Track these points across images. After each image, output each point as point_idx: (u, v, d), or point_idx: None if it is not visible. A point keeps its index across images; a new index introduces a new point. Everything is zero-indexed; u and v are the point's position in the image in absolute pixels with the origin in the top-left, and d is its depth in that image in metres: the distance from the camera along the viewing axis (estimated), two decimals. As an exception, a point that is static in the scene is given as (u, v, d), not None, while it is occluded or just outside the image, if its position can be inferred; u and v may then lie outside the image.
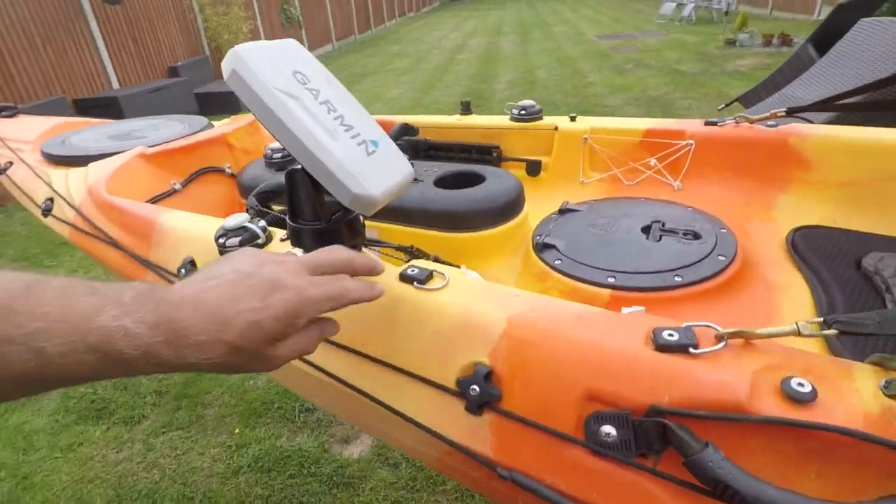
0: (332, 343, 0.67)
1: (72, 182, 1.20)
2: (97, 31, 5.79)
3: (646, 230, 0.90)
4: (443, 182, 1.05)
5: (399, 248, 0.79)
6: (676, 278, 0.77)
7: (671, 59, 7.46)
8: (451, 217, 0.95)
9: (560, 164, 1.25)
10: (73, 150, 1.35)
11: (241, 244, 0.77)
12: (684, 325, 0.50)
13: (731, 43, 7.99)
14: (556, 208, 1.03)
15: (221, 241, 0.78)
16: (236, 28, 7.71)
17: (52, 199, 1.20)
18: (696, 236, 0.87)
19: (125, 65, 6.20)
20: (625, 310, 0.60)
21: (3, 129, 1.69)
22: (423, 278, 0.63)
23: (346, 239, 0.65)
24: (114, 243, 0.99)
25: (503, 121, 1.32)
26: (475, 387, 0.55)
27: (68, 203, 1.14)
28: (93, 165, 1.21)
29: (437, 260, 0.87)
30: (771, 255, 0.88)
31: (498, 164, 1.31)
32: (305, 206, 0.63)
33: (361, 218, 0.68)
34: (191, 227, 0.88)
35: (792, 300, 0.78)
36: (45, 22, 5.19)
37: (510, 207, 0.98)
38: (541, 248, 0.90)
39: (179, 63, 7.05)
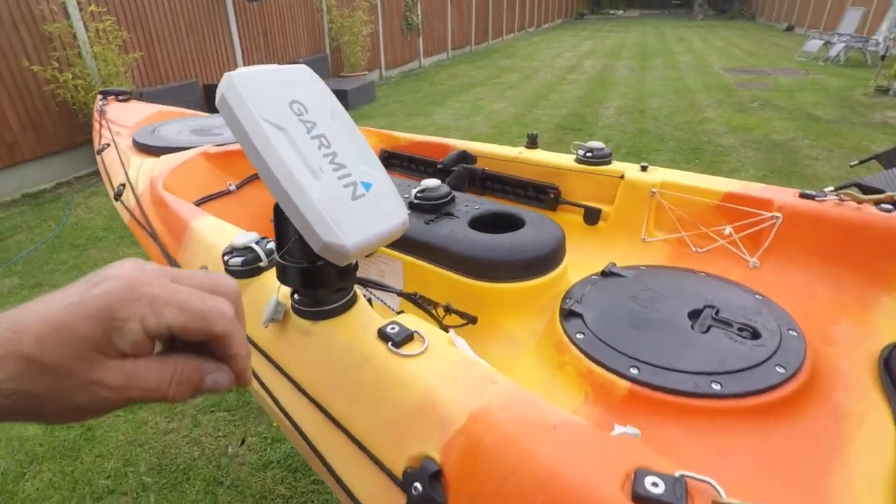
0: (297, 386, 0.63)
1: (143, 171, 1.27)
2: (234, 24, 6.35)
3: (694, 315, 0.76)
4: (479, 222, 0.97)
5: (402, 295, 0.72)
6: (714, 385, 0.64)
7: (805, 102, 6.76)
8: (476, 263, 0.87)
9: (622, 216, 1.13)
10: (154, 141, 1.44)
11: (244, 265, 0.75)
12: (678, 473, 0.39)
13: (883, 91, 7.07)
14: (607, 265, 0.92)
15: (226, 258, 0.76)
16: (357, 31, 8.10)
17: (124, 185, 1.28)
18: (755, 334, 0.72)
19: (253, 56, 6.73)
20: (618, 427, 0.49)
21: (113, 112, 1.86)
22: (400, 340, 0.56)
23: (334, 280, 0.60)
24: (153, 237, 1.02)
25: (567, 161, 1.22)
26: (418, 485, 0.48)
27: (133, 191, 1.20)
28: (164, 158, 1.28)
29: (447, 309, 0.80)
30: (854, 372, 0.71)
31: (554, 207, 1.21)
32: (292, 242, 0.59)
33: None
34: (214, 237, 0.88)
35: (868, 440, 0.62)
36: (192, 13, 5.78)
37: (543, 262, 0.88)
38: (566, 314, 0.80)
39: (300, 59, 7.53)
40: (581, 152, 1.20)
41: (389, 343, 0.56)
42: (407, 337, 0.57)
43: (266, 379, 0.68)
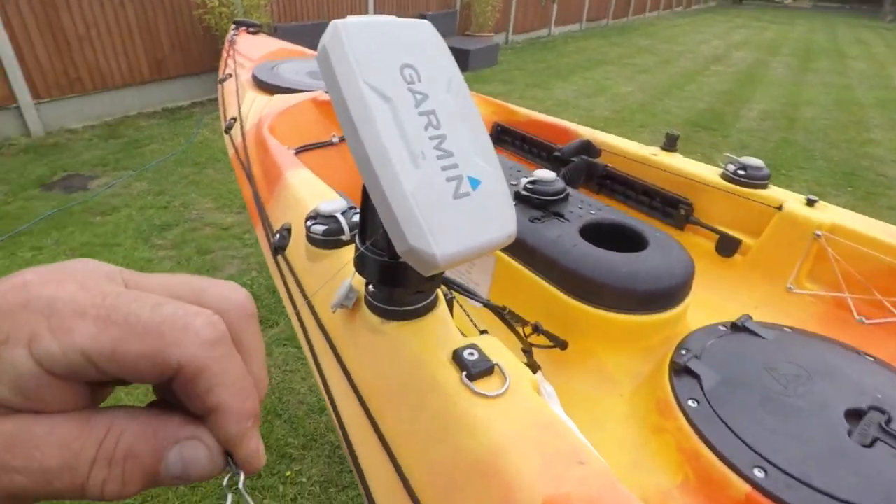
0: (351, 383, 0.55)
1: (254, 108, 1.25)
2: (373, -31, 6.36)
3: (853, 417, 0.59)
4: (592, 231, 0.83)
5: (488, 306, 0.62)
6: (873, 524, 0.48)
7: None
8: (581, 281, 0.74)
9: (767, 254, 0.93)
10: (270, 78, 1.41)
11: (325, 234, 0.68)
12: None
13: None
14: (736, 314, 0.75)
15: (309, 223, 0.70)
16: (489, -10, 7.85)
17: (234, 120, 1.27)
18: (943, 464, 0.54)
19: (385, 4, 6.73)
20: None
21: (242, 43, 1.88)
22: (477, 373, 0.46)
23: (415, 283, 0.51)
24: (250, 179, 0.99)
25: (710, 173, 1.02)
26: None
27: (241, 127, 1.18)
28: (275, 98, 1.25)
29: (536, 328, 0.69)
30: None
31: (682, 226, 1.03)
32: (377, 228, 0.50)
33: None
34: (304, 193, 0.82)
35: None
36: (336, -46, 5.85)
37: (662, 297, 0.73)
38: (679, 370, 0.65)
39: (429, 13, 7.42)
40: (731, 168, 0.99)
41: (464, 373, 0.46)
42: (486, 370, 0.46)
43: (323, 362, 0.62)
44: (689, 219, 1.02)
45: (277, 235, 0.79)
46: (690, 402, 0.61)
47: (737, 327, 0.73)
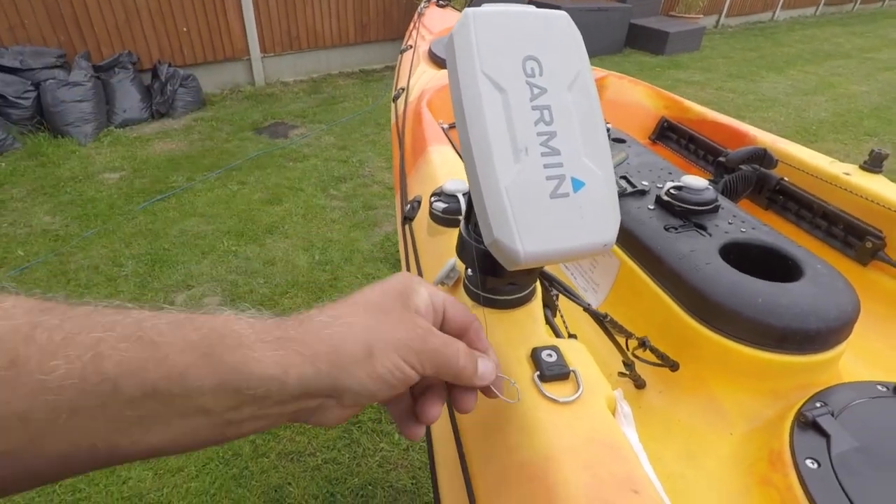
0: None
1: (422, 81, 1.32)
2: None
3: None
4: (736, 251, 0.74)
5: (589, 311, 0.60)
6: None
7: None
8: (707, 302, 0.67)
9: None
10: (443, 52, 1.48)
11: (444, 212, 0.72)
12: None
13: None
14: None
15: (432, 199, 0.74)
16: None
17: (403, 90, 1.36)
18: None
19: (584, -22, 6.46)
20: None
21: (429, 15, 1.98)
22: (551, 375, 0.46)
23: (507, 273, 0.52)
24: (401, 149, 1.07)
25: (918, 204, 0.83)
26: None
27: (405, 98, 1.27)
28: (443, 72, 1.31)
29: (643, 343, 0.65)
30: None
31: (866, 261, 0.86)
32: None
33: None
34: (439, 169, 0.87)
35: None
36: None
37: (806, 337, 0.63)
38: (805, 423, 0.57)
39: (633, -12, 6.94)
40: (948, 201, 0.80)
41: (537, 373, 0.46)
42: (560, 374, 0.46)
43: None
44: (876, 255, 0.84)
45: (408, 206, 0.85)
46: (809, 462, 0.53)
47: (899, 393, 0.60)
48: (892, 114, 4.94)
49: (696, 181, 0.80)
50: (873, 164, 0.93)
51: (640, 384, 0.72)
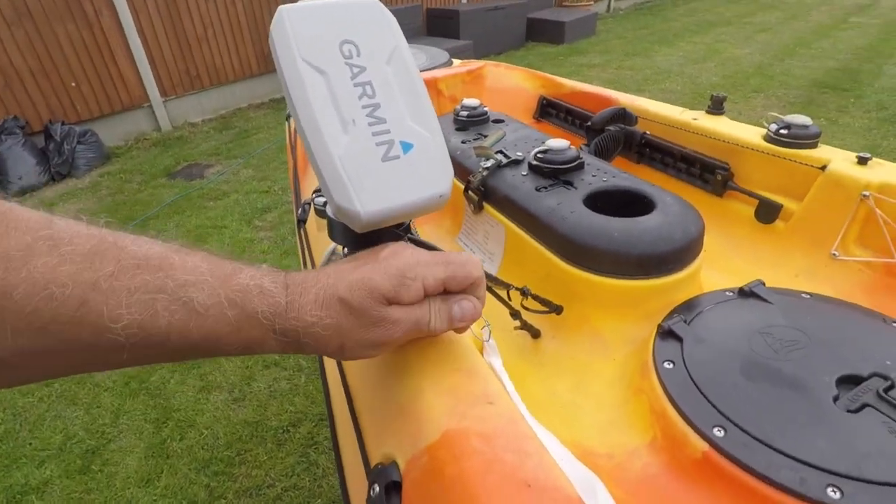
0: None
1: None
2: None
3: (847, 383, 0.54)
4: (599, 198, 0.82)
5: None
6: (830, 492, 0.45)
7: None
8: (574, 246, 0.74)
9: (810, 220, 0.85)
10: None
11: (325, 205, 0.75)
12: None
13: None
14: (773, 283, 0.70)
15: (314, 195, 0.78)
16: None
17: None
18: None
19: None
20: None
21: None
22: None
23: (372, 241, 0.56)
24: (294, 159, 1.10)
25: (751, 135, 0.94)
26: (377, 487, 0.43)
27: (295, 112, 1.30)
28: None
29: (524, 293, 0.71)
30: None
31: (721, 192, 0.96)
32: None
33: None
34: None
35: None
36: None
37: (661, 260, 0.71)
38: (664, 333, 0.64)
39: (526, -13, 7.25)
40: (774, 127, 0.91)
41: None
42: None
43: None
44: (727, 185, 0.95)
45: (300, 210, 0.88)
46: (666, 364, 0.60)
47: (744, 292, 0.69)
48: (773, 70, 5.40)
49: (559, 143, 0.88)
50: (715, 107, 1.05)
51: (535, 334, 0.78)
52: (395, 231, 0.57)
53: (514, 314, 0.73)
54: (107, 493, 1.64)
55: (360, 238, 0.54)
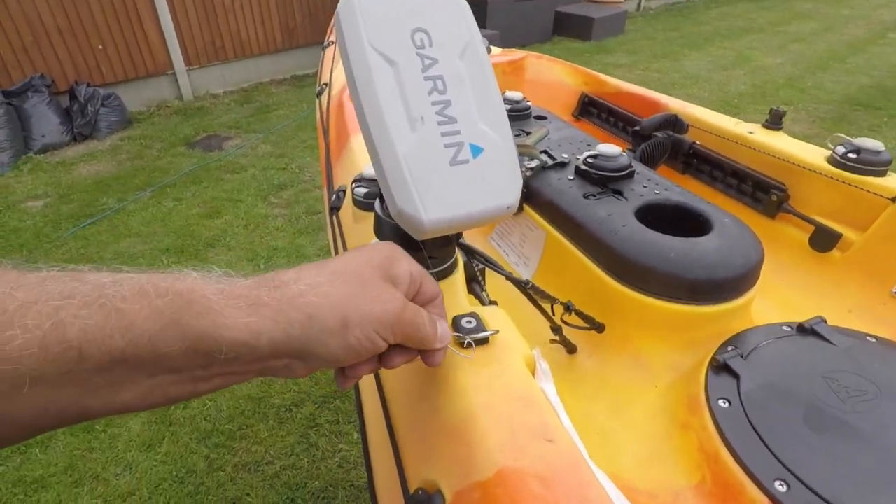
0: None
1: (343, 75, 1.31)
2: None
3: None
4: (651, 212, 0.77)
5: (510, 279, 0.61)
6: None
7: None
8: (624, 263, 0.70)
9: (873, 253, 0.80)
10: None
11: (366, 197, 0.72)
12: None
13: None
14: (811, 318, 0.66)
15: (354, 185, 0.74)
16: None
17: (326, 85, 1.35)
18: None
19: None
20: None
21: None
22: (472, 340, 0.47)
23: (427, 246, 0.52)
24: (326, 140, 1.06)
25: (813, 155, 0.89)
26: (418, 515, 0.40)
27: (328, 93, 1.25)
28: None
29: (568, 307, 0.67)
30: None
31: (773, 214, 0.92)
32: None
33: None
34: (360, 157, 0.86)
35: None
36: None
37: (716, 287, 0.67)
38: (718, 366, 0.60)
39: (556, -22, 7.10)
40: (841, 150, 0.86)
41: (462, 335, 0.47)
42: (480, 339, 0.47)
43: None
44: (781, 206, 0.90)
45: (334, 196, 0.84)
46: (721, 402, 0.56)
47: (804, 329, 0.64)
48: (804, 83, 5.27)
49: (611, 149, 0.84)
50: (773, 121, 1.00)
51: (571, 349, 0.75)
52: (449, 236, 0.54)
53: (555, 328, 0.70)
54: (108, 453, 1.64)
55: (410, 240, 0.51)
